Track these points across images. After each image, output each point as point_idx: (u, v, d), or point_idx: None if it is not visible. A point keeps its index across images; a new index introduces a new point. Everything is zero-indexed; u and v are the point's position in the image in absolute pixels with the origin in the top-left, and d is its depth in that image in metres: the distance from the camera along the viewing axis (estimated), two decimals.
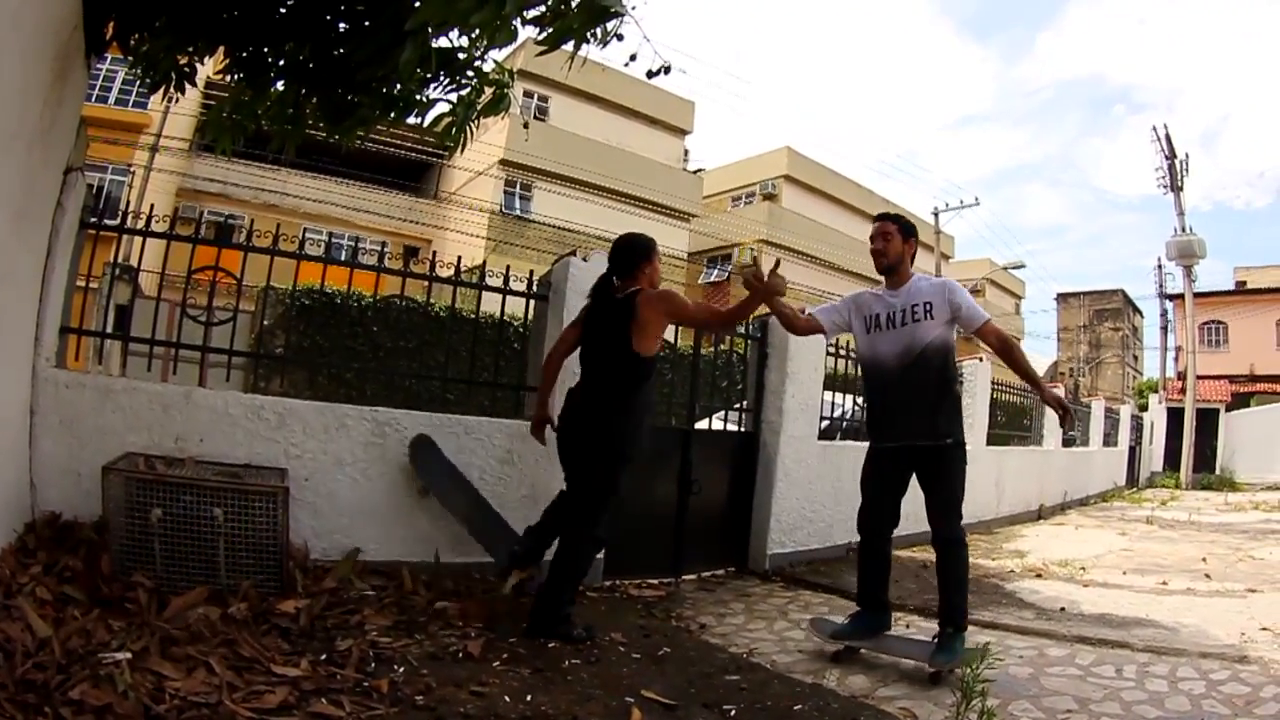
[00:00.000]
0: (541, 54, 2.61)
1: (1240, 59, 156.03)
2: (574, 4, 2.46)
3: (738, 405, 6.16)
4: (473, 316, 5.44)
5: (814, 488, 6.04)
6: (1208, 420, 24.50)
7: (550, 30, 2.48)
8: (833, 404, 6.72)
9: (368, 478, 3.90)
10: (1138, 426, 21.16)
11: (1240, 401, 26.56)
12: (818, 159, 35.18)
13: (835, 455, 6.25)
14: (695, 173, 29.26)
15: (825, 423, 6.51)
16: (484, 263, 5.28)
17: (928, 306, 3.46)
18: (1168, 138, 23.81)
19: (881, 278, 3.74)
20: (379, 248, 5.79)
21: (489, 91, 3.13)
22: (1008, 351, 3.78)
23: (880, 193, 35.94)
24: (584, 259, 4.64)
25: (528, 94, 22.60)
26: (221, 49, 3.07)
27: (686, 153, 28.73)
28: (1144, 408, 26.05)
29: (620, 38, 2.64)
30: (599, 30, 2.52)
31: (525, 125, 15.99)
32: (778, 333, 5.81)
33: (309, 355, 9.00)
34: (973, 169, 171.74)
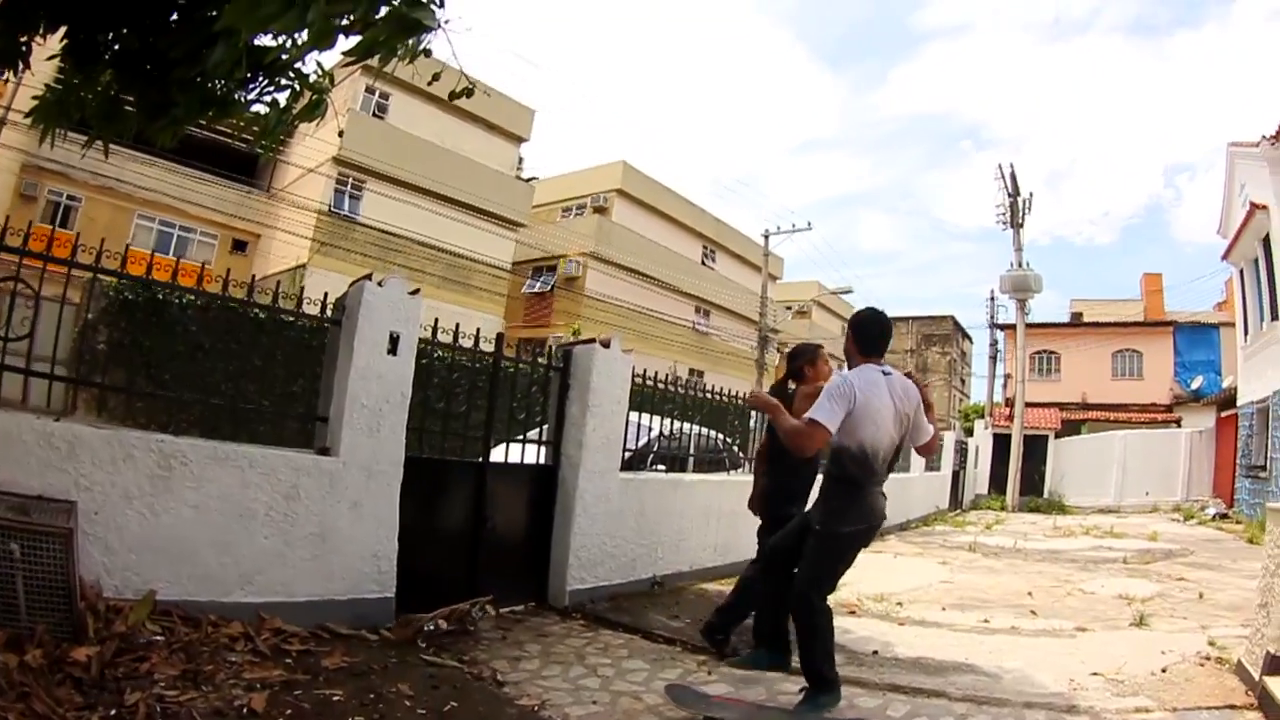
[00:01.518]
0: (350, 64, 3.08)
1: (1090, 109, 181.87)
2: (382, 14, 2.66)
3: (535, 438, 7.04)
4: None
5: (616, 522, 7.06)
6: (1037, 446, 28.54)
7: (359, 39, 2.72)
8: (638, 427, 7.71)
9: (154, 512, 4.36)
10: (962, 451, 24.54)
11: (1071, 429, 30.85)
12: (657, 176, 39.17)
13: (638, 489, 7.36)
14: (528, 181, 32.38)
15: (638, 446, 7.65)
16: (304, 265, 5.86)
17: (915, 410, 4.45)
18: (1012, 176, 28.03)
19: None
20: (210, 239, 6.17)
21: (306, 96, 3.37)
22: None
23: (715, 212, 40.43)
24: (379, 284, 5.35)
25: (369, 90, 24.89)
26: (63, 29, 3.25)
27: (521, 160, 32.03)
28: (969, 432, 29.89)
29: (428, 53, 3.01)
30: (408, 44, 2.81)
31: (340, 134, 16.27)
32: (581, 364, 6.85)
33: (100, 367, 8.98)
34: (812, 193, 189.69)
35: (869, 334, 4.42)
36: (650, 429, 8.10)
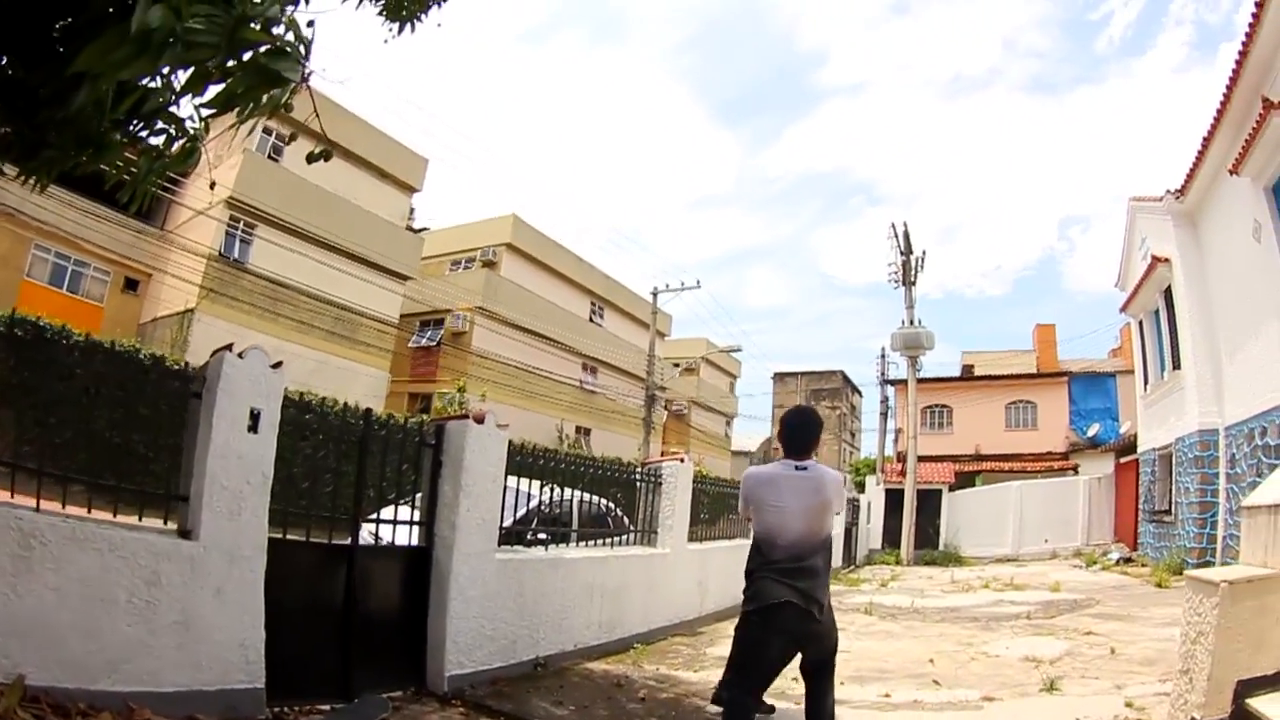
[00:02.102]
0: (211, 116, 3.08)
1: (986, 164, 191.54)
2: (245, 61, 2.71)
3: (407, 517, 7.10)
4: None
5: (494, 604, 7.20)
6: (930, 500, 29.83)
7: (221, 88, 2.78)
8: (517, 493, 7.91)
9: (18, 593, 4.34)
10: (855, 507, 25.39)
11: (965, 481, 32.38)
12: (550, 230, 40.08)
13: (517, 570, 7.52)
14: (419, 232, 33.77)
15: (518, 515, 7.87)
16: (192, 310, 5.81)
17: (828, 500, 4.84)
18: (905, 235, 29.45)
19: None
20: (104, 276, 6.04)
21: (180, 143, 3.35)
22: None
23: (606, 268, 42.67)
24: (239, 355, 5.37)
25: (267, 131, 25.12)
26: None
27: (412, 210, 33.26)
28: (860, 486, 30.95)
29: (289, 108, 3.08)
30: (271, 95, 2.86)
31: (211, 185, 16.28)
32: (454, 441, 7.00)
33: None
34: (705, 249, 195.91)
35: (783, 434, 4.94)
36: (531, 496, 8.30)
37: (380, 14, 4.78)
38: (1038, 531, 26.80)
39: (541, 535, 8.64)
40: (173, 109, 3.16)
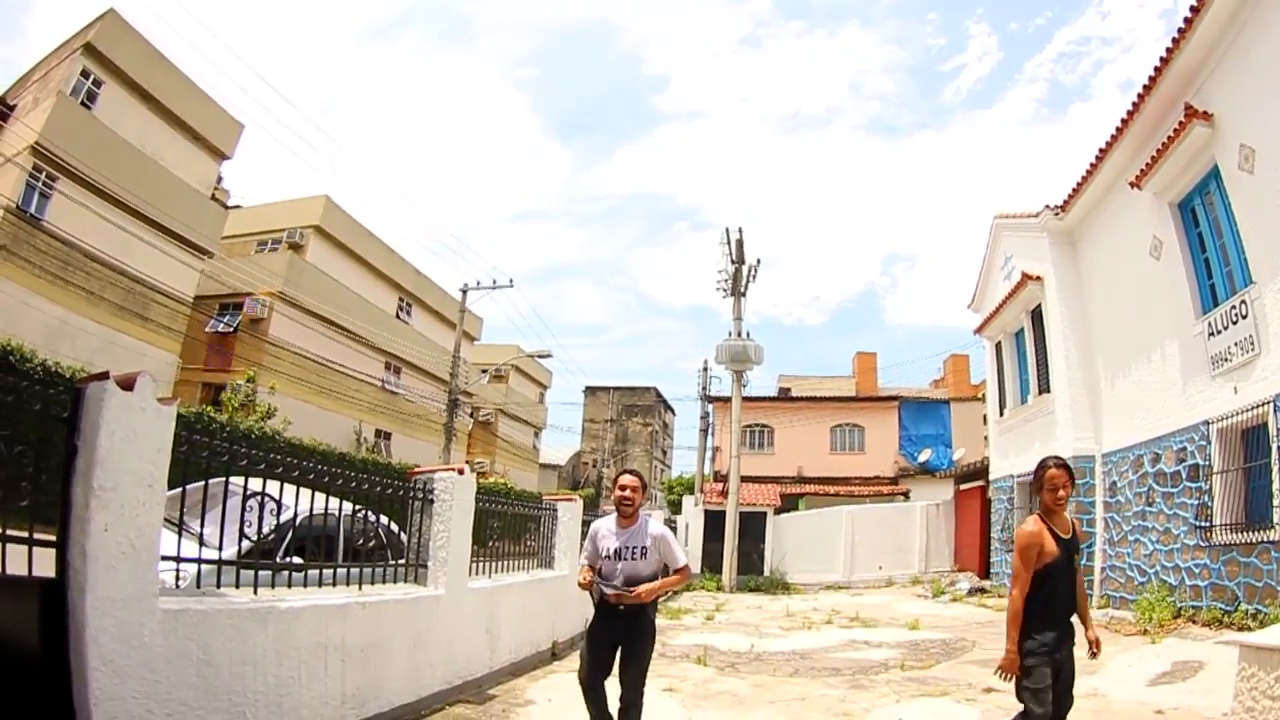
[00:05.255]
0: None
1: (817, 199, 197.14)
2: None
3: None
4: None
5: (163, 680, 4.37)
6: (754, 523, 28.23)
7: None
8: (258, 502, 5.43)
9: None
10: (671, 529, 23.20)
11: (789, 503, 31.01)
12: (364, 219, 38.85)
13: (199, 626, 4.67)
14: (230, 208, 31.26)
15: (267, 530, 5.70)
16: None
17: (644, 549, 5.58)
18: (738, 243, 27.67)
19: None
20: None
21: None
22: None
23: (421, 266, 40.51)
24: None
25: (84, 73, 22.90)
26: None
27: (220, 179, 30.26)
28: (676, 507, 29.02)
29: None
30: None
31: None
32: (89, 417, 4.08)
33: None
34: (524, 261, 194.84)
35: None
36: (288, 507, 6.18)
37: None
38: (871, 558, 26.25)
39: (296, 559, 6.50)
40: None
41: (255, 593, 5.31)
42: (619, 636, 5.51)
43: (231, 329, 30.05)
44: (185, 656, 4.51)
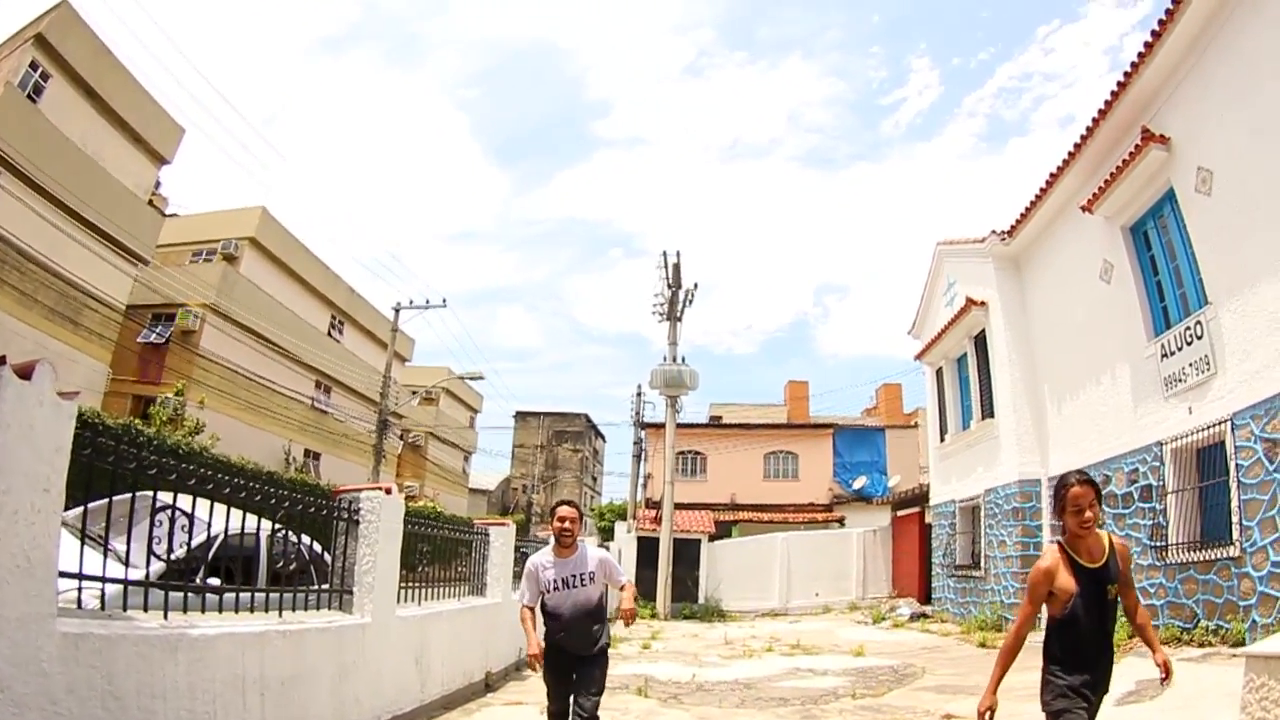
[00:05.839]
0: None
1: (750, 229, 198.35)
2: None
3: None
4: None
5: (65, 715, 3.75)
6: (688, 550, 27.79)
7: None
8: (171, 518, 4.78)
9: None
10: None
11: (723, 530, 30.66)
12: (299, 233, 37.60)
13: (102, 653, 4.04)
14: (169, 216, 30.51)
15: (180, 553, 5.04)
16: None
17: (592, 575, 5.76)
18: (675, 267, 27.54)
19: None
20: None
21: None
22: None
23: (349, 280, 39.59)
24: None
25: (33, 65, 22.31)
26: None
27: (158, 184, 29.35)
28: (608, 534, 28.54)
29: None
30: None
31: None
32: None
33: None
34: (460, 282, 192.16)
35: None
36: (206, 524, 5.83)
37: None
38: (807, 584, 26.14)
39: (213, 580, 5.74)
40: None
41: (165, 617, 4.66)
42: (576, 665, 5.63)
43: (164, 340, 28.94)
44: (89, 687, 3.89)
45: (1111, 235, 13.14)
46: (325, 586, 6.86)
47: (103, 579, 4.43)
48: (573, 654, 5.69)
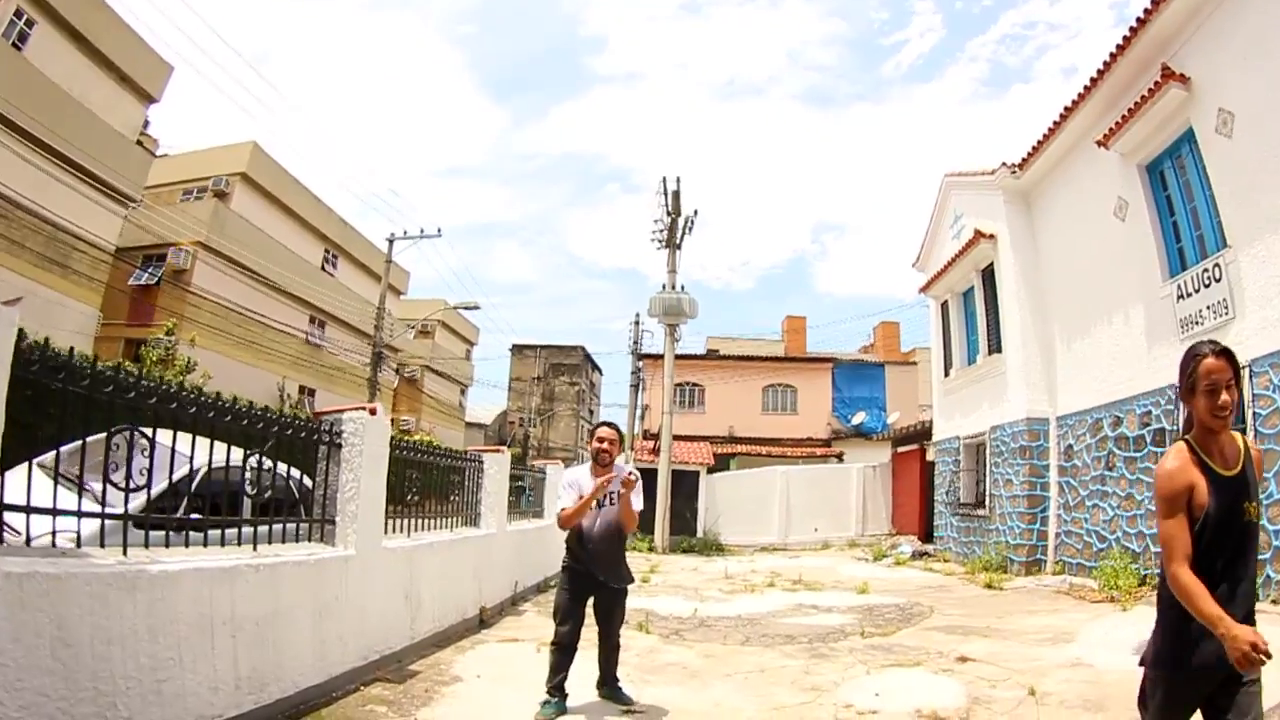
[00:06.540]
0: None
1: (749, 166, 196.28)
2: None
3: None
4: None
5: (11, 665, 3.42)
6: (686, 482, 27.58)
7: None
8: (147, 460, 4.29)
9: None
10: None
11: (721, 463, 30.53)
12: (291, 167, 37.81)
13: (48, 594, 3.65)
14: (159, 157, 30.18)
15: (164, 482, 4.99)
16: None
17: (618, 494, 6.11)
18: (675, 194, 26.92)
19: None
20: None
21: None
22: None
23: (343, 214, 39.55)
24: None
25: (18, 13, 21.89)
26: None
27: (146, 124, 28.67)
28: None
29: None
30: None
31: None
32: None
33: None
34: (452, 217, 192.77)
35: None
36: (190, 457, 5.52)
37: None
38: (806, 519, 26.05)
39: (194, 516, 5.41)
40: None
41: (125, 554, 4.32)
42: (596, 594, 6.05)
43: (155, 281, 28.70)
44: (36, 633, 3.55)
45: (1127, 172, 12.81)
46: (304, 518, 6.54)
47: (53, 510, 3.99)
48: (595, 581, 5.98)
